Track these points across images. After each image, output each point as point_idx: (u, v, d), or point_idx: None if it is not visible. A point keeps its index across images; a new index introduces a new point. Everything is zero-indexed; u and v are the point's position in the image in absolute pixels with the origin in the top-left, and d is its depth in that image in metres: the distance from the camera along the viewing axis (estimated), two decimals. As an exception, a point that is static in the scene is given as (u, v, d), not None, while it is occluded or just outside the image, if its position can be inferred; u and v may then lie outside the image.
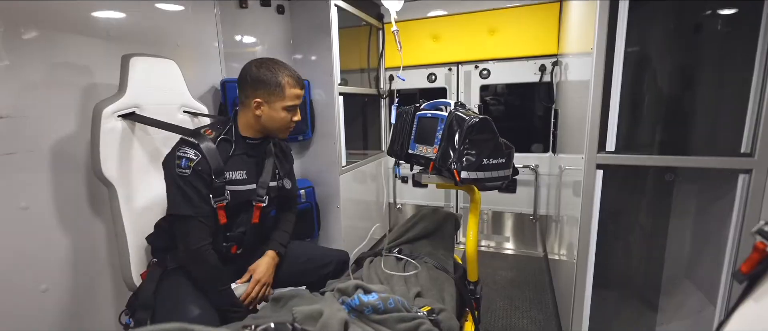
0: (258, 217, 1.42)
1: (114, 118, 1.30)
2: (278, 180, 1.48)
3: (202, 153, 1.24)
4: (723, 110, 1.50)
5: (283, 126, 1.36)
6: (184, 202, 1.22)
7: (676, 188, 1.69)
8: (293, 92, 1.31)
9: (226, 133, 1.34)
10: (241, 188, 1.34)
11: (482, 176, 1.35)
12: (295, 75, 1.33)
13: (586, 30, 1.64)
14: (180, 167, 1.22)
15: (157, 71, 1.47)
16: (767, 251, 0.73)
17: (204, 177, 1.24)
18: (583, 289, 1.65)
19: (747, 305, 0.77)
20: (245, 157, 1.37)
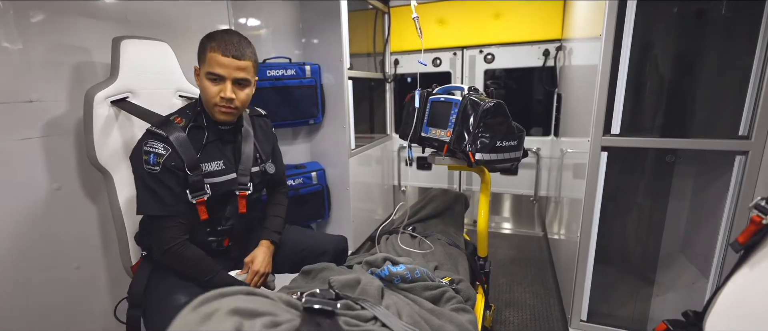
0: (245, 206, 1.32)
1: (106, 103, 1.26)
2: (260, 164, 1.37)
3: (171, 146, 1.12)
4: (722, 95, 1.58)
5: (209, 101, 1.16)
6: (154, 201, 1.12)
7: (675, 169, 1.78)
8: (214, 57, 1.11)
9: (197, 120, 1.21)
10: (220, 180, 1.23)
11: (496, 158, 1.42)
12: (225, 39, 1.12)
13: (594, 16, 1.70)
14: (148, 164, 1.11)
15: (150, 54, 1.41)
16: (763, 223, 0.82)
17: (176, 173, 1.13)
18: (585, 265, 1.75)
19: (742, 272, 0.87)
20: (220, 144, 1.26)
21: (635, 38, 1.50)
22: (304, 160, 2.55)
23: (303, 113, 2.27)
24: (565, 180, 2.31)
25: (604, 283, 1.82)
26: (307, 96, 2.24)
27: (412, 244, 1.49)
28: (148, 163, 1.10)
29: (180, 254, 1.16)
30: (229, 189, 1.26)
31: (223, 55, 1.11)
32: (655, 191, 1.82)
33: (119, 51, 1.30)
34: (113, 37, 1.32)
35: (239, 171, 1.28)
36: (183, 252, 1.16)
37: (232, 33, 1.16)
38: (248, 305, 0.54)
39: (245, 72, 1.16)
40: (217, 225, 1.28)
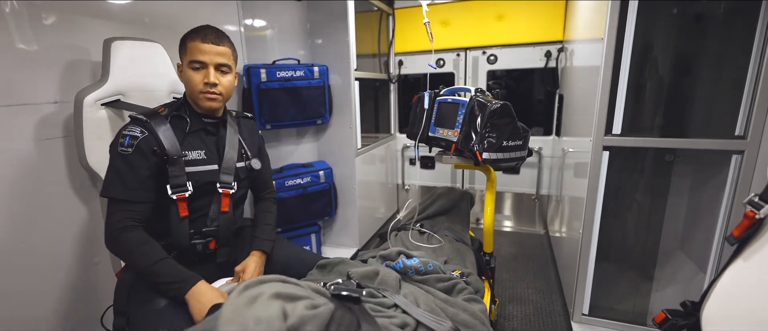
0: (228, 205, 1.28)
1: (97, 106, 1.26)
2: (245, 160, 1.35)
3: (149, 130, 1.12)
4: (720, 96, 1.63)
5: (194, 90, 1.17)
6: (118, 183, 1.08)
7: (674, 168, 1.84)
8: (194, 46, 1.15)
9: (180, 110, 1.23)
10: (201, 169, 1.21)
11: (502, 157, 1.48)
12: (203, 30, 1.18)
13: (596, 18, 1.75)
14: (122, 146, 1.09)
15: (141, 55, 1.39)
16: (756, 217, 0.87)
17: (149, 158, 1.11)
18: (587, 261, 1.81)
19: (736, 264, 0.93)
20: (203, 134, 1.25)
21: (636, 40, 1.55)
22: (312, 159, 2.60)
23: (311, 113, 2.32)
24: (567, 179, 2.37)
25: (605, 278, 1.88)
26: (315, 96, 2.29)
27: (421, 239, 1.55)
28: (123, 146, 1.09)
29: (119, 237, 1.07)
30: (209, 180, 1.23)
31: (202, 42, 1.15)
32: (654, 189, 1.88)
33: (110, 52, 1.29)
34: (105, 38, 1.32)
35: (223, 166, 1.26)
36: (122, 235, 1.07)
37: (210, 26, 1.20)
38: (287, 290, 0.60)
39: (225, 57, 1.19)
40: (202, 226, 1.23)
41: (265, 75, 2.12)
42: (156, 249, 1.10)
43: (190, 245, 1.21)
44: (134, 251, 1.08)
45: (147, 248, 1.09)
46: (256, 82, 2.11)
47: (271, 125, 2.22)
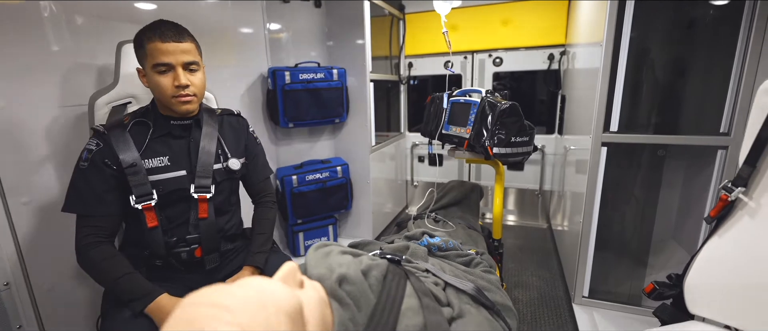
0: (206, 210, 1.19)
1: (108, 108, 1.27)
2: (223, 161, 1.26)
3: (105, 142, 1.07)
4: (707, 96, 1.79)
5: (162, 94, 1.10)
6: (75, 199, 1.06)
7: (666, 162, 2.00)
8: (154, 47, 1.05)
9: (145, 115, 1.16)
10: (165, 177, 1.14)
11: (510, 152, 1.65)
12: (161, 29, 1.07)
13: (596, 24, 1.91)
14: (81, 160, 1.07)
15: None
16: (729, 200, 1.04)
17: (105, 170, 1.07)
18: (587, 249, 1.98)
19: (713, 240, 1.10)
20: (169, 139, 1.18)
21: (632, 45, 1.72)
22: (329, 156, 2.77)
23: (330, 113, 2.49)
24: (569, 175, 2.53)
25: (603, 265, 2.05)
26: (334, 97, 2.46)
27: (436, 226, 1.72)
28: (81, 160, 1.07)
29: (85, 254, 1.05)
30: (178, 187, 1.16)
31: (162, 42, 1.05)
32: (648, 182, 2.04)
33: (120, 56, 1.30)
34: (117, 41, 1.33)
35: (198, 171, 1.18)
36: (88, 251, 1.05)
37: (165, 21, 1.10)
38: (349, 250, 0.77)
39: (191, 54, 1.10)
40: (185, 233, 1.18)
41: (289, 77, 2.29)
42: (118, 265, 1.06)
43: (171, 253, 1.16)
44: (96, 268, 1.05)
45: (109, 263, 1.05)
46: (281, 83, 2.28)
47: (294, 123, 2.39)
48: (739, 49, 1.58)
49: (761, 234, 1.02)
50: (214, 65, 1.99)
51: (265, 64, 2.43)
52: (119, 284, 1.03)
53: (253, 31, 2.32)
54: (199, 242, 1.19)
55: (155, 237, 1.13)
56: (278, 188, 2.51)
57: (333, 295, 0.61)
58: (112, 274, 1.04)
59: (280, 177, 2.46)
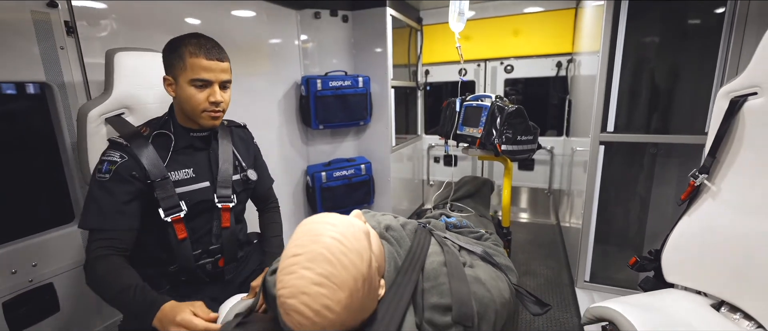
0: (229, 220, 1.21)
1: (101, 121, 1.21)
2: (240, 172, 1.29)
3: (129, 154, 1.05)
4: (694, 99, 2.00)
5: (193, 108, 1.10)
6: (94, 211, 1.01)
7: (657, 160, 2.21)
8: (195, 62, 1.06)
9: (163, 127, 1.14)
10: (190, 189, 1.14)
11: (517, 149, 1.90)
12: (202, 43, 1.07)
13: (594, 35, 2.15)
14: (100, 172, 1.03)
15: (145, 66, 1.32)
16: (695, 185, 1.26)
17: (132, 183, 1.04)
18: (587, 240, 2.20)
19: (684, 220, 1.33)
20: (191, 150, 1.18)
21: (626, 53, 1.95)
22: (353, 155, 3.06)
23: (355, 116, 2.78)
24: (574, 174, 2.75)
25: (601, 257, 2.26)
26: (359, 102, 2.75)
27: (452, 213, 1.97)
28: (100, 172, 1.03)
29: (93, 269, 0.98)
30: (203, 198, 1.16)
31: (207, 59, 1.07)
32: (642, 178, 2.25)
33: (113, 64, 1.23)
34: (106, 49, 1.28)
35: (219, 181, 1.19)
36: (95, 265, 0.98)
37: (205, 37, 1.10)
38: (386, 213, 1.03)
39: (228, 73, 1.13)
40: (208, 244, 1.19)
41: (321, 84, 2.59)
42: (124, 277, 0.98)
43: (197, 265, 1.16)
44: (102, 281, 0.98)
45: (114, 276, 0.97)
46: (314, 90, 2.58)
47: (324, 126, 2.68)
48: (720, 58, 1.79)
49: (721, 212, 1.24)
50: (251, 73, 2.30)
51: (298, 72, 2.74)
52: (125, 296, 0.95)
53: (288, 43, 2.64)
54: (221, 251, 1.22)
55: (184, 250, 1.12)
56: (308, 183, 2.80)
57: (382, 236, 0.87)
58: (117, 286, 0.96)
59: (310, 173, 2.76)
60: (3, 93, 1.34)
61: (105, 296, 0.99)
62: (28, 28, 1.27)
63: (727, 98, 1.21)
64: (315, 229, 0.67)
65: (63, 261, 1.41)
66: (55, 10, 1.33)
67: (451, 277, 0.85)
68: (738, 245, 1.19)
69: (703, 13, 1.96)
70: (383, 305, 0.72)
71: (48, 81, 1.33)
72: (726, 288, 1.23)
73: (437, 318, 0.78)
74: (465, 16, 1.88)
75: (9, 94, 1.35)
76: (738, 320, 1.18)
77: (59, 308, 1.40)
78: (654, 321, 1.14)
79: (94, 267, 0.98)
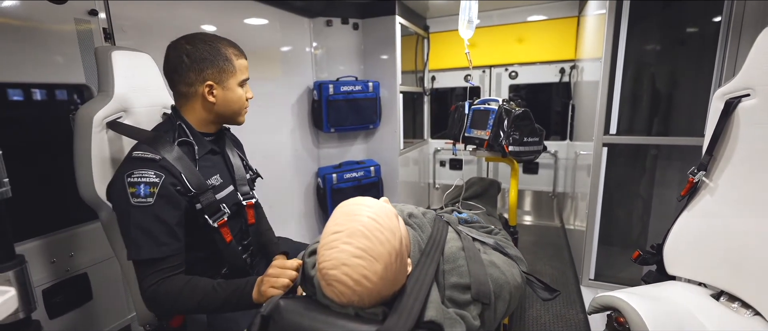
0: (253, 216, 1.23)
1: (102, 125, 1.08)
2: (247, 170, 1.29)
3: (165, 170, 0.97)
4: (694, 103, 2.08)
5: (240, 108, 1.13)
6: (148, 241, 0.94)
7: (659, 162, 2.29)
8: (242, 63, 1.11)
9: (180, 133, 1.08)
10: (223, 194, 1.12)
11: (523, 150, 1.98)
12: (235, 44, 1.12)
13: (596, 42, 2.24)
14: (137, 197, 0.93)
15: (138, 67, 1.23)
16: (694, 181, 1.34)
17: (179, 200, 0.99)
18: (592, 239, 2.26)
19: (684, 215, 1.40)
20: (211, 156, 1.15)
21: (627, 60, 2.04)
22: (362, 158, 3.14)
23: (365, 120, 2.87)
24: (578, 177, 2.83)
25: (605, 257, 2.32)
26: (369, 106, 2.84)
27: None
28: (138, 196, 0.93)
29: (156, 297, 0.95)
30: (234, 202, 1.15)
31: (246, 59, 1.12)
32: (644, 180, 2.33)
33: (111, 63, 1.12)
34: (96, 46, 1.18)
35: (238, 180, 1.19)
36: (158, 292, 0.95)
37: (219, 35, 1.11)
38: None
39: None
40: (242, 241, 1.21)
41: (333, 89, 2.69)
42: (199, 284, 0.97)
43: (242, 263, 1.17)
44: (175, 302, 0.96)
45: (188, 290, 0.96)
46: (326, 94, 2.68)
47: (335, 129, 2.78)
48: (717, 62, 1.88)
49: (718, 207, 1.32)
50: (266, 78, 2.41)
51: (310, 78, 2.84)
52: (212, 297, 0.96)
53: (301, 50, 2.74)
54: (249, 248, 1.24)
55: (233, 250, 1.11)
56: (319, 184, 2.88)
57: (405, 222, 0.95)
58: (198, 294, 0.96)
59: (321, 175, 2.84)
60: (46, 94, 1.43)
61: (188, 310, 0.98)
62: (71, 34, 1.38)
63: (722, 100, 1.30)
64: (352, 210, 0.75)
65: (96, 252, 1.49)
66: (95, 18, 1.43)
67: (469, 260, 0.93)
68: (735, 238, 1.26)
69: (701, 21, 2.06)
70: (411, 280, 0.79)
71: (87, 83, 1.43)
72: (724, 279, 1.30)
73: (457, 296, 0.86)
74: (474, 24, 1.98)
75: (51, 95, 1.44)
76: (737, 309, 1.25)
77: (92, 297, 1.48)
78: (657, 309, 1.21)
79: (160, 295, 0.95)
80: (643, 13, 2.01)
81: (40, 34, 1.30)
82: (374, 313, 0.74)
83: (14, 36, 1.24)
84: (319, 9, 2.78)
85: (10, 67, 1.24)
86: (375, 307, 0.74)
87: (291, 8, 2.57)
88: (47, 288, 1.34)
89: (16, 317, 0.86)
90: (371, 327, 0.71)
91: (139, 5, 1.61)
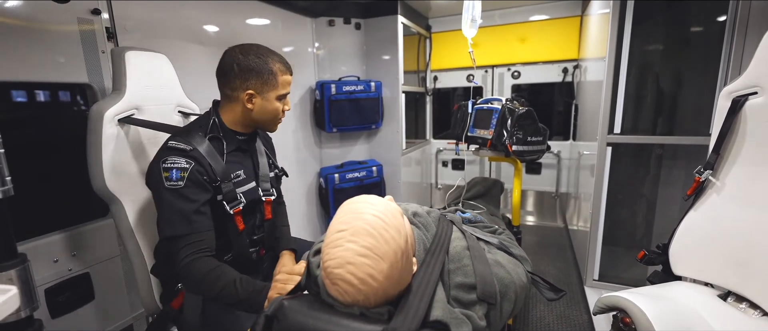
0: (270, 212, 1.33)
1: (114, 121, 1.17)
2: (273, 169, 1.39)
3: (195, 159, 1.08)
4: (699, 102, 2.07)
5: (275, 118, 1.23)
6: (180, 220, 1.05)
7: (664, 162, 2.27)
8: (285, 79, 1.20)
9: (213, 130, 1.19)
10: (244, 189, 1.22)
11: (527, 149, 1.97)
12: (284, 60, 1.21)
13: (600, 42, 2.23)
14: (171, 180, 1.05)
15: (152, 67, 1.33)
16: (700, 180, 1.33)
17: (206, 186, 1.10)
18: (596, 238, 2.25)
19: (690, 214, 1.39)
20: (239, 153, 1.25)
21: (631, 59, 2.03)
22: (365, 158, 3.13)
23: (368, 120, 2.87)
24: (581, 177, 2.81)
25: (610, 258, 2.31)
26: (371, 106, 2.84)
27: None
28: (171, 180, 1.05)
29: (189, 270, 1.03)
30: (253, 197, 1.25)
31: (290, 74, 1.23)
32: (648, 179, 2.31)
33: (124, 63, 1.21)
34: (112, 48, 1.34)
35: (260, 177, 1.29)
36: (191, 269, 1.03)
37: (272, 50, 1.21)
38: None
39: None
40: (253, 234, 1.28)
41: (335, 89, 2.68)
42: (224, 274, 1.04)
43: (248, 254, 1.25)
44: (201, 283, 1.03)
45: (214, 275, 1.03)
46: (328, 94, 2.67)
47: (337, 129, 2.77)
48: (723, 61, 1.86)
49: (725, 206, 1.30)
50: None
51: (312, 77, 2.83)
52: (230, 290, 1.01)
53: (303, 49, 2.74)
54: (262, 242, 1.32)
55: (242, 240, 1.21)
56: (322, 184, 2.88)
57: (410, 221, 0.94)
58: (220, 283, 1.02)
59: (324, 175, 2.84)
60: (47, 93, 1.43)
61: (208, 294, 1.05)
62: (74, 34, 1.37)
63: (729, 98, 1.28)
64: (357, 208, 0.74)
65: (98, 252, 1.49)
66: (98, 18, 1.43)
67: (475, 259, 0.92)
68: (742, 237, 1.24)
69: (705, 20, 2.04)
70: (416, 279, 0.79)
71: (90, 82, 1.42)
72: (732, 279, 1.29)
73: (463, 296, 0.85)
74: (477, 23, 1.97)
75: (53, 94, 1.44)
76: (744, 309, 1.23)
77: (94, 297, 1.48)
78: (664, 309, 1.20)
79: (191, 271, 1.03)
80: (647, 13, 2.00)
81: (43, 34, 1.30)
82: (379, 312, 0.73)
83: (17, 35, 1.24)
84: (321, 9, 2.77)
85: (12, 66, 1.23)
86: (380, 306, 0.73)
87: (293, 8, 2.57)
88: (49, 287, 1.34)
89: (18, 316, 0.86)
90: (376, 327, 0.70)
91: (142, 5, 1.60)
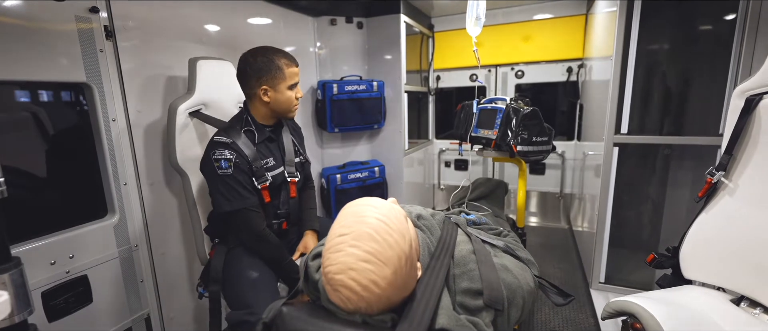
0: (294, 191, 1.60)
1: (185, 114, 1.53)
2: (299, 156, 1.65)
3: (237, 150, 1.38)
4: (708, 102, 2.03)
5: (290, 106, 1.47)
6: (237, 197, 1.37)
7: (671, 163, 2.23)
8: (292, 71, 1.43)
9: (246, 125, 1.47)
10: (274, 173, 1.50)
11: (532, 149, 1.93)
12: (288, 55, 1.44)
13: (606, 40, 2.19)
14: (222, 168, 1.35)
15: (218, 72, 1.68)
16: (712, 182, 1.29)
17: (246, 172, 1.39)
18: (602, 240, 2.21)
19: (701, 216, 1.35)
20: (268, 143, 1.51)
21: (639, 58, 1.99)
22: (367, 158, 3.10)
23: (370, 119, 2.83)
24: (586, 178, 2.77)
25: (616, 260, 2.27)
26: (374, 106, 2.81)
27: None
28: (222, 168, 1.35)
29: (266, 238, 1.43)
30: (281, 180, 1.52)
31: (297, 67, 1.45)
32: (656, 180, 2.27)
33: (196, 70, 1.57)
34: (189, 58, 1.61)
35: (287, 162, 1.56)
36: (269, 237, 1.44)
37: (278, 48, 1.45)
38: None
39: None
40: (277, 209, 1.55)
41: (336, 88, 2.65)
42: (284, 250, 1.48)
43: (271, 225, 1.52)
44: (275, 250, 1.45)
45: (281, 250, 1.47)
46: (330, 94, 2.64)
47: (339, 129, 2.74)
48: (733, 60, 1.82)
49: (739, 208, 1.26)
50: None
51: (314, 77, 2.81)
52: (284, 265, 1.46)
53: (305, 49, 2.71)
54: (287, 216, 1.60)
55: (269, 211, 1.51)
56: (323, 185, 2.85)
57: (415, 224, 0.91)
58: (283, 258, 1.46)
59: (325, 176, 2.81)
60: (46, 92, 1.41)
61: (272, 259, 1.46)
62: (72, 32, 1.35)
63: (742, 97, 1.25)
64: (359, 211, 0.71)
65: (97, 254, 1.47)
66: (96, 16, 1.40)
67: (481, 263, 0.89)
68: (756, 240, 1.21)
69: (714, 19, 2.00)
70: (421, 285, 0.76)
71: (88, 82, 1.40)
72: (746, 283, 1.25)
73: (469, 302, 0.82)
74: (482, 21, 1.94)
75: (49, 93, 1.42)
76: (758, 315, 1.20)
77: (92, 300, 1.45)
78: (676, 315, 1.16)
79: (267, 238, 1.44)
80: (654, 11, 1.96)
81: (41, 32, 1.27)
82: (383, 320, 0.70)
83: (14, 34, 1.21)
84: (323, 8, 2.74)
85: (10, 65, 1.21)
86: (383, 314, 0.70)
87: (295, 7, 2.54)
88: (46, 290, 1.31)
89: (11, 321, 0.83)
90: (380, 335, 0.67)
91: (140, 3, 1.58)
